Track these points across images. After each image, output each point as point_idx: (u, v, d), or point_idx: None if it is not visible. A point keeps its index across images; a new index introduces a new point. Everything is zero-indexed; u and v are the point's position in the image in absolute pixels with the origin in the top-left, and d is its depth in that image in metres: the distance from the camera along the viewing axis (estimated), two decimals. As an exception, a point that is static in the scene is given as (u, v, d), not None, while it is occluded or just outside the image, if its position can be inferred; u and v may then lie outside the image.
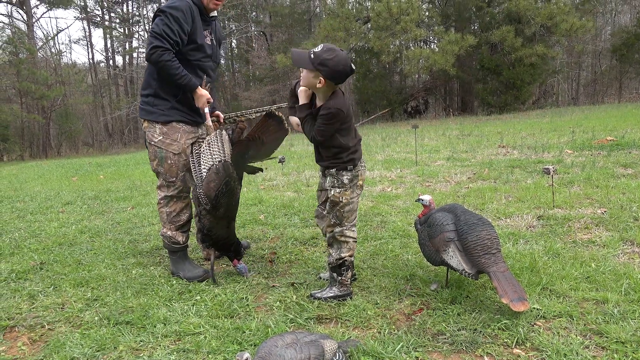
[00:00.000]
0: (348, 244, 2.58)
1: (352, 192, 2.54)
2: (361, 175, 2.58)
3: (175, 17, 2.78)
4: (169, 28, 2.77)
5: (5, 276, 3.22)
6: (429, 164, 7.05)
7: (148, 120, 3.00)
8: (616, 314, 2.19)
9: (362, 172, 2.60)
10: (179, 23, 2.80)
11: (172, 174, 3.01)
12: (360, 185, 2.59)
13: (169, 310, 2.53)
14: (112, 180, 8.61)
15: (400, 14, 19.12)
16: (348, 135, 2.52)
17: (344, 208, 2.54)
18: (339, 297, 2.56)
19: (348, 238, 2.57)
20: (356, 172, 2.54)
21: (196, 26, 2.91)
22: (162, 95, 2.96)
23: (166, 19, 2.79)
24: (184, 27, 2.83)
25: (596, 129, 9.36)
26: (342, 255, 2.57)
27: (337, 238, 2.57)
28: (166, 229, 3.10)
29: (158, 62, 2.79)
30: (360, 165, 2.58)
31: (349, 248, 2.58)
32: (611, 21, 31.24)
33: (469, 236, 2.38)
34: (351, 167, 2.52)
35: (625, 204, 3.91)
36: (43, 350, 2.22)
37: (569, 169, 5.59)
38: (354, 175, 2.54)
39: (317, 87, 2.45)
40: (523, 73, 20.81)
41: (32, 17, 29.66)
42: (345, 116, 2.48)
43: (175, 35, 2.80)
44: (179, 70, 2.82)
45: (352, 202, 2.56)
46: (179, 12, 2.80)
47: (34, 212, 5.66)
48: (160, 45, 2.76)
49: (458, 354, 2.01)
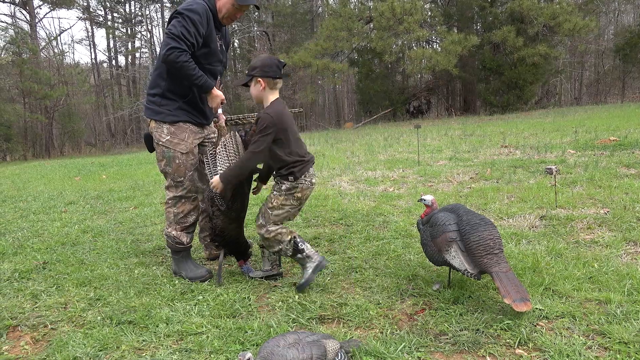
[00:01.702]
0: (280, 233, 2.69)
1: (285, 200, 2.65)
2: (302, 189, 2.65)
3: (192, 20, 2.80)
4: (186, 30, 2.78)
5: (9, 276, 3.23)
6: (431, 164, 7.05)
7: (155, 120, 3.00)
8: (619, 315, 2.18)
9: (304, 187, 2.66)
10: (195, 26, 2.81)
11: (180, 174, 3.02)
12: (297, 198, 2.67)
13: (172, 310, 2.54)
14: (115, 180, 8.62)
15: (403, 14, 19.10)
16: (285, 149, 2.60)
17: (273, 211, 2.66)
18: (317, 267, 2.67)
19: (275, 229, 2.68)
20: (296, 184, 2.63)
21: (211, 30, 2.93)
22: (169, 96, 2.97)
23: (184, 21, 2.80)
24: (200, 30, 2.85)
25: (599, 129, 9.34)
26: (286, 240, 2.69)
27: (268, 237, 2.70)
28: (171, 228, 3.10)
29: (176, 62, 2.78)
30: (304, 180, 2.64)
31: (285, 232, 2.70)
32: (614, 21, 31.16)
33: (471, 236, 2.38)
34: (292, 178, 2.62)
35: (628, 204, 3.90)
36: (46, 350, 2.23)
37: (572, 169, 5.58)
38: (293, 186, 2.63)
39: (262, 94, 2.63)
40: (525, 73, 20.78)
41: (35, 17, 29.75)
42: (279, 127, 2.57)
43: (192, 37, 2.81)
44: (195, 71, 2.84)
45: (283, 209, 2.67)
46: (196, 15, 2.81)
47: (37, 211, 5.68)
48: (177, 46, 2.77)
49: (460, 354, 2.00)
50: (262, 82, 2.61)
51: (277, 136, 2.58)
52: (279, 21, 30.27)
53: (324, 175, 6.78)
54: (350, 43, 21.85)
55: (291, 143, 2.62)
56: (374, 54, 22.90)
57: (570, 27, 19.14)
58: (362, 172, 6.81)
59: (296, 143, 2.66)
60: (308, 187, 2.68)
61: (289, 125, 2.62)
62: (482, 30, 22.97)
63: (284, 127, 2.58)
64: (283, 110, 2.63)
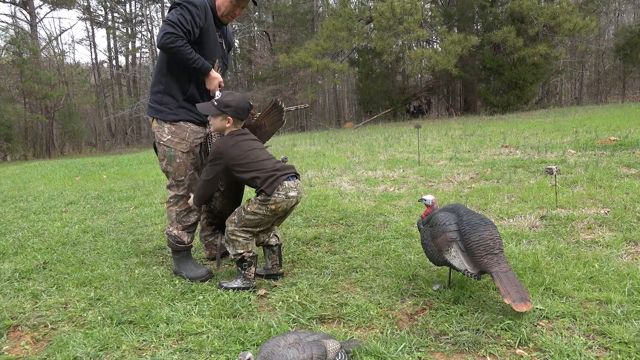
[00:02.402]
0: (239, 242, 2.75)
1: (258, 209, 2.70)
2: (275, 202, 2.69)
3: (189, 10, 2.83)
4: (183, 17, 2.80)
5: (9, 275, 3.23)
6: (431, 163, 7.05)
7: (157, 119, 3.02)
8: (619, 315, 2.18)
9: (279, 201, 2.69)
10: (192, 15, 2.83)
11: (181, 173, 3.03)
12: (271, 210, 2.71)
13: (172, 310, 2.54)
14: (115, 180, 8.63)
15: (404, 14, 19.09)
16: (245, 174, 2.71)
17: (246, 214, 2.72)
18: (241, 289, 2.77)
19: (238, 237, 2.75)
20: (269, 198, 2.68)
21: (209, 25, 2.94)
22: (171, 92, 2.99)
23: (181, 9, 2.83)
24: (197, 21, 2.86)
25: (599, 129, 9.33)
26: (238, 252, 2.75)
27: (229, 236, 2.76)
28: (173, 227, 3.11)
29: (172, 47, 2.78)
30: (277, 194, 2.68)
31: (242, 245, 2.75)
32: (615, 21, 31.16)
33: (471, 236, 2.38)
34: (263, 195, 2.68)
35: (629, 204, 3.90)
36: (46, 350, 2.23)
37: (572, 169, 5.58)
38: (266, 199, 2.68)
39: (226, 128, 2.78)
40: (525, 73, 20.76)
41: (35, 17, 29.77)
42: (226, 157, 2.70)
43: (189, 25, 2.82)
44: (192, 55, 2.84)
45: (255, 216, 2.72)
46: (194, 6, 2.84)
47: (37, 211, 5.68)
48: (173, 32, 2.77)
49: (461, 354, 2.00)
50: (231, 120, 2.77)
51: (229, 165, 2.71)
52: (279, 21, 30.27)
53: (324, 175, 6.78)
54: (351, 43, 21.83)
55: (251, 166, 2.70)
56: (374, 54, 22.88)
57: (570, 27, 19.11)
58: (362, 172, 6.81)
59: (259, 164, 2.72)
60: (283, 200, 2.69)
61: (242, 152, 2.71)
62: (482, 30, 22.94)
63: (232, 156, 2.70)
64: (236, 142, 2.74)
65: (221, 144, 2.75)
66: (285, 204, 2.72)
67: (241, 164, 2.71)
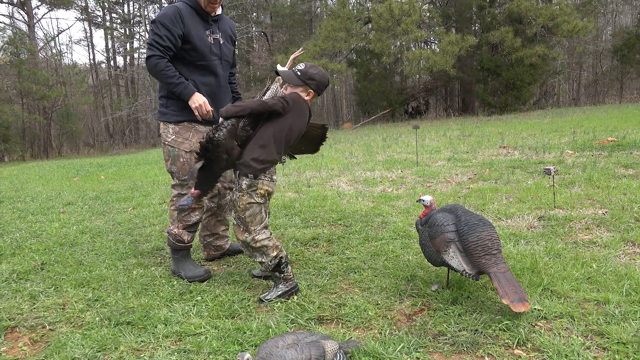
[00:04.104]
0: (267, 247, 2.60)
1: (249, 198, 2.56)
2: (262, 185, 2.57)
3: (162, 23, 2.87)
4: (157, 36, 2.87)
5: (7, 276, 3.22)
6: (429, 164, 7.05)
7: (163, 121, 3.09)
8: (617, 315, 2.19)
9: (266, 183, 2.58)
10: (167, 28, 2.87)
11: (184, 172, 3.06)
12: (260, 194, 2.58)
13: (170, 311, 2.53)
14: (113, 180, 8.62)
15: (402, 15, 19.11)
16: (268, 139, 2.54)
17: (244, 213, 2.57)
18: (287, 293, 2.63)
19: (263, 241, 2.59)
20: (256, 181, 2.56)
21: (189, 28, 2.94)
22: (174, 97, 3.02)
23: (155, 27, 2.89)
24: (173, 31, 2.89)
25: (597, 130, 9.36)
26: (272, 255, 2.60)
27: (253, 247, 2.59)
28: (174, 226, 3.12)
29: (153, 70, 2.91)
30: (264, 177, 2.58)
31: (273, 247, 2.61)
32: (612, 22, 31.24)
33: (469, 237, 2.38)
34: (251, 176, 2.55)
35: (627, 205, 3.90)
36: (44, 351, 2.22)
37: (570, 170, 5.59)
38: (253, 183, 2.55)
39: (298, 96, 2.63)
40: (523, 73, 20.79)
41: (33, 17, 29.70)
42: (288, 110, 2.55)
43: (165, 41, 2.87)
44: (173, 79, 2.89)
45: (251, 207, 2.57)
46: (166, 17, 2.88)
47: (35, 212, 5.67)
48: (152, 54, 2.88)
49: (459, 355, 2.01)
50: (311, 94, 2.67)
51: (281, 118, 2.54)
52: (277, 22, 30.27)
53: (322, 175, 6.78)
54: (349, 44, 21.82)
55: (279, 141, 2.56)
56: (372, 54, 22.90)
57: (569, 29, 19.15)
58: (360, 172, 6.82)
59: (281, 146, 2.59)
60: (269, 182, 2.61)
61: (293, 124, 2.59)
62: (480, 30, 22.98)
63: (292, 119, 2.58)
64: (305, 114, 2.67)
65: (298, 101, 2.60)
66: (271, 188, 2.63)
67: (282, 129, 2.55)
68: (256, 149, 2.55)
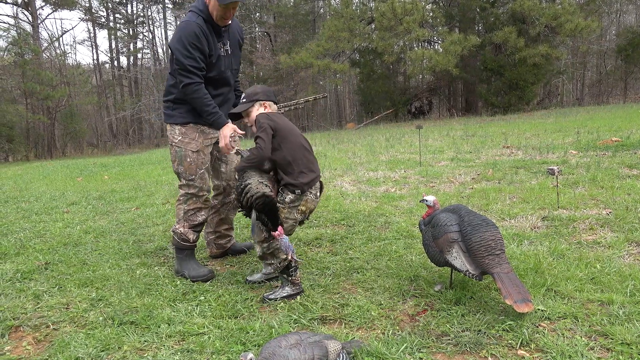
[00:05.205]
0: (279, 250, 2.66)
1: (289, 213, 2.70)
2: (305, 202, 2.73)
3: (193, 45, 2.84)
4: (192, 59, 2.85)
5: (11, 276, 3.23)
6: (433, 164, 7.04)
7: (169, 123, 3.11)
8: (621, 316, 2.18)
9: (309, 200, 2.75)
10: (199, 49, 2.87)
11: (192, 172, 3.07)
12: (301, 211, 2.73)
13: (173, 311, 2.54)
14: (117, 180, 8.64)
15: (405, 15, 19.09)
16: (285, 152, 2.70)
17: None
18: (292, 296, 2.64)
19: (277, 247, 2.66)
20: (302, 196, 2.71)
21: (210, 44, 2.95)
22: (181, 101, 3.05)
23: (185, 49, 2.83)
24: (204, 51, 2.89)
25: (601, 130, 9.32)
26: (282, 257, 2.65)
27: (266, 252, 2.68)
28: (179, 225, 3.13)
29: (191, 96, 2.91)
30: (310, 192, 2.73)
31: (284, 251, 2.65)
32: (616, 21, 31.12)
33: (472, 237, 2.38)
34: (296, 192, 2.68)
35: (631, 205, 3.89)
36: (48, 350, 2.23)
37: (574, 170, 5.57)
38: (299, 198, 2.70)
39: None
40: (526, 73, 20.73)
41: (37, 18, 29.79)
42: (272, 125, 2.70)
43: (199, 63, 2.88)
44: (209, 107, 2.91)
45: (286, 222, 2.70)
46: (194, 37, 2.84)
47: (39, 212, 5.69)
48: (191, 81, 2.87)
49: (462, 355, 2.00)
50: (266, 105, 2.81)
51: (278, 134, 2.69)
52: (280, 22, 30.28)
53: (325, 175, 6.78)
54: (352, 43, 21.83)
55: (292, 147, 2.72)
56: (375, 54, 22.88)
57: (572, 28, 19.06)
58: (363, 172, 6.81)
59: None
60: (313, 200, 2.76)
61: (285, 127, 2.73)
62: (483, 30, 22.92)
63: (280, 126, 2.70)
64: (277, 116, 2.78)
65: (264, 117, 2.70)
66: (313, 205, 2.77)
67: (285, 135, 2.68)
68: (290, 174, 2.69)
